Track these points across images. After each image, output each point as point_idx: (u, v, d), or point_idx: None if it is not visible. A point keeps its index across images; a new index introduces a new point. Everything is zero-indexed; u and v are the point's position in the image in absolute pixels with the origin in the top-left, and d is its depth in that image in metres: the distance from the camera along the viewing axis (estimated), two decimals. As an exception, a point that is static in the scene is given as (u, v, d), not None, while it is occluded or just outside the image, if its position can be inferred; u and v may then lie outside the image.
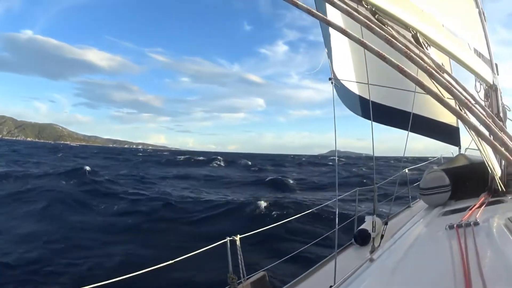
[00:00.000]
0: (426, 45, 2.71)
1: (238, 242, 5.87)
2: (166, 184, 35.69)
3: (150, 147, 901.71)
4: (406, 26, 2.73)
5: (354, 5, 2.40)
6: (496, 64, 6.69)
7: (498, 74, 6.73)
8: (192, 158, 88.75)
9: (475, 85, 6.98)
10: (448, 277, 3.03)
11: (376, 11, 2.52)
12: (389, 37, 2.00)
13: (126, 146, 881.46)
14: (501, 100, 6.65)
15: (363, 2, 2.48)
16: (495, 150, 1.53)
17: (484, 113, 2.15)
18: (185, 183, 38.71)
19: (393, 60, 1.83)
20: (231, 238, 5.84)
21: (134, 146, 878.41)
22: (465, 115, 2.04)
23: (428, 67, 2.00)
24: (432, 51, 2.77)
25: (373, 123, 7.45)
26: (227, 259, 5.64)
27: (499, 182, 5.89)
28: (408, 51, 1.93)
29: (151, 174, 45.35)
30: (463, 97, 2.00)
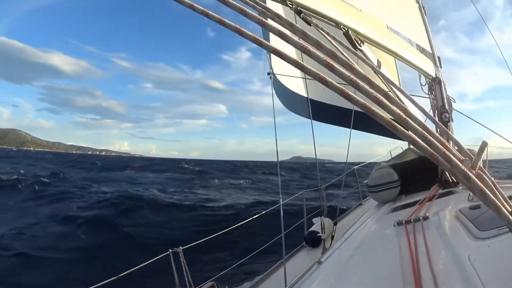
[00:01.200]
0: (359, 41, 2.59)
1: (181, 254, 5.67)
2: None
3: (113, 153, 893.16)
4: (337, 24, 2.59)
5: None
6: (439, 57, 6.72)
7: (441, 67, 6.75)
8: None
9: (420, 80, 6.96)
10: (396, 274, 2.99)
11: (301, 9, 2.37)
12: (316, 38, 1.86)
13: (89, 152, 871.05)
14: (446, 92, 6.64)
15: (287, 2, 2.33)
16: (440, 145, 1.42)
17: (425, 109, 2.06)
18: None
19: (321, 56, 1.68)
20: (173, 250, 5.65)
21: (98, 153, 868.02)
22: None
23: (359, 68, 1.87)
24: (368, 50, 2.66)
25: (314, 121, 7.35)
26: (172, 272, 5.52)
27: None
28: (336, 52, 1.78)
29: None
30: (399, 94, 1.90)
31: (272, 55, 7.45)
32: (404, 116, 1.42)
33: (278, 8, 2.41)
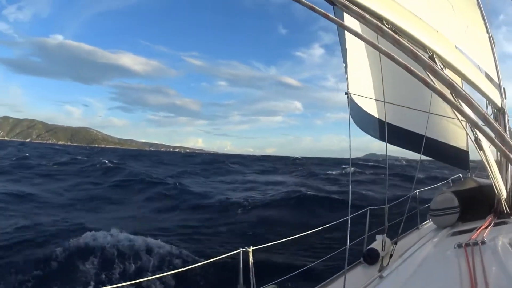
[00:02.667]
0: (442, 66, 2.64)
1: (250, 254, 5.67)
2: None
3: (187, 150, 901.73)
4: (424, 48, 2.66)
5: (377, 23, 2.33)
6: (504, 89, 6.64)
7: (506, 98, 6.67)
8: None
9: (486, 108, 6.91)
10: None
11: (396, 31, 2.47)
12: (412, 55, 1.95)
13: (162, 149, 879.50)
14: (508, 123, 6.59)
15: (385, 22, 2.42)
16: (502, 171, 1.46)
17: (493, 134, 2.15)
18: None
19: (418, 72, 1.78)
20: (244, 250, 5.65)
21: (171, 149, 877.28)
22: (475, 134, 1.99)
23: (443, 88, 1.95)
24: (447, 72, 2.71)
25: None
26: (239, 270, 5.55)
27: (504, 204, 5.92)
28: (428, 71, 1.87)
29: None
30: (474, 119, 1.95)
31: (349, 75, 7.55)
32: (475, 144, 1.46)
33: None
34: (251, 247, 5.69)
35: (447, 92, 2.03)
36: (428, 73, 1.89)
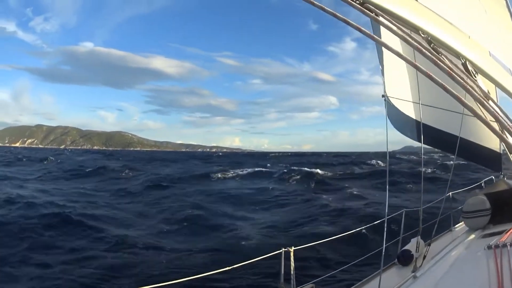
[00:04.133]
0: (474, 72, 2.73)
1: (292, 254, 5.73)
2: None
3: (224, 149, 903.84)
4: (457, 55, 2.74)
5: (408, 32, 2.44)
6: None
7: None
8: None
9: None
10: None
11: (431, 40, 2.57)
12: (444, 66, 2.05)
13: (199, 150, 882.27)
14: None
15: (420, 32, 2.53)
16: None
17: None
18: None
19: (448, 87, 1.91)
20: (285, 249, 5.71)
21: (208, 150, 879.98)
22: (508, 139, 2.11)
23: (476, 95, 2.05)
24: (479, 78, 2.80)
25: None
26: (280, 270, 5.61)
27: None
28: (460, 80, 1.98)
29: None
30: (507, 124, 2.04)
31: (386, 77, 7.61)
32: (506, 148, 1.56)
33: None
34: (293, 247, 5.76)
35: (481, 98, 2.13)
36: (462, 81, 2.01)
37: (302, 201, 26.71)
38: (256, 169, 58.38)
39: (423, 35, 2.53)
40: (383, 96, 6.94)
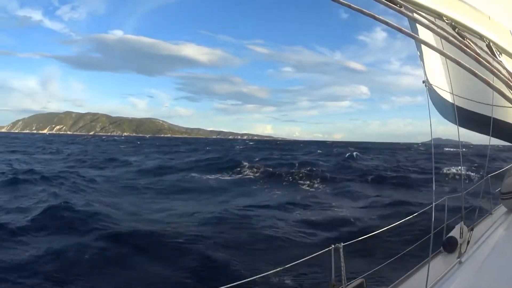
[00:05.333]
0: (498, 53, 2.87)
1: (341, 250, 5.66)
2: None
3: (255, 137, 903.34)
4: (481, 37, 2.90)
5: (433, 19, 2.60)
6: None
7: None
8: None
9: None
10: None
11: (455, 25, 2.68)
12: (470, 51, 2.22)
13: (230, 137, 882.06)
14: None
15: (444, 18, 2.67)
16: None
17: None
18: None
19: (476, 71, 2.08)
20: (335, 246, 5.65)
21: (239, 137, 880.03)
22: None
23: (503, 77, 2.23)
24: (503, 59, 2.94)
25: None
26: (331, 267, 5.59)
27: None
28: (487, 63, 2.14)
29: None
30: None
31: (426, 63, 7.72)
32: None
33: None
34: (342, 243, 5.75)
35: (507, 80, 2.30)
36: (486, 63, 2.19)
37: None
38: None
39: (447, 21, 2.66)
40: (423, 82, 6.98)
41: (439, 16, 2.69)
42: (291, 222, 18.66)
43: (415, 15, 2.50)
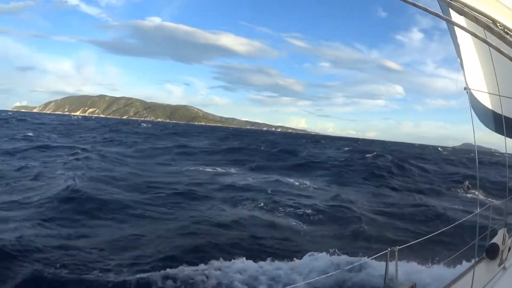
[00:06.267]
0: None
1: (396, 254, 5.87)
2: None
3: (289, 130, 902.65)
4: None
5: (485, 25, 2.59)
6: None
7: None
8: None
9: None
10: None
11: (508, 31, 2.74)
12: None
13: (264, 128, 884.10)
14: None
15: (497, 24, 2.66)
16: None
17: None
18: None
19: None
20: (391, 249, 5.83)
21: (273, 129, 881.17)
22: None
23: None
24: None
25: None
26: (386, 270, 5.78)
27: None
28: None
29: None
30: None
31: (467, 68, 7.71)
32: None
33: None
34: (397, 246, 5.90)
35: None
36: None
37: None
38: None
39: (499, 27, 2.69)
40: (465, 88, 6.95)
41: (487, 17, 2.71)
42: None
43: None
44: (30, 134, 61.55)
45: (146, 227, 16.57)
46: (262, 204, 22.23)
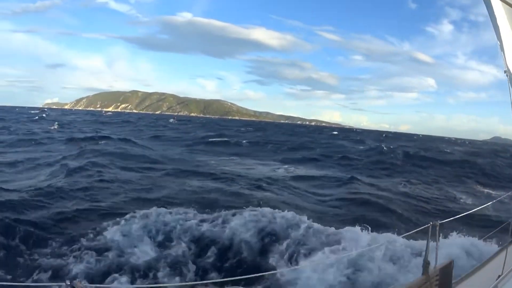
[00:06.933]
0: None
1: (437, 228, 5.91)
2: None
3: (323, 124, 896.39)
4: None
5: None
6: None
7: None
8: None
9: None
10: None
11: None
12: None
13: (299, 122, 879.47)
14: None
15: None
16: None
17: None
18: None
19: None
20: (433, 223, 5.87)
21: (307, 123, 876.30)
22: None
23: None
24: None
25: None
26: (427, 245, 5.84)
27: None
28: None
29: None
30: None
31: (506, 51, 7.94)
32: None
33: None
34: (438, 221, 5.98)
35: None
36: None
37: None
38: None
39: None
40: (505, 71, 7.02)
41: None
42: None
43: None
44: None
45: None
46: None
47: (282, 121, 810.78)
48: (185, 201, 20.71)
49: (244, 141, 72.52)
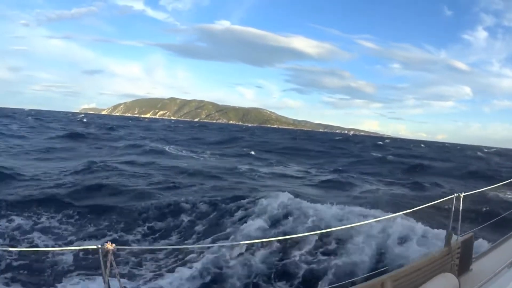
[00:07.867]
0: None
1: (461, 200, 5.90)
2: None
3: (362, 133, 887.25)
4: None
5: None
6: None
7: None
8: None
9: None
10: None
11: None
12: None
13: (337, 131, 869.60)
14: None
15: None
16: None
17: None
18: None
19: None
20: (457, 195, 5.87)
21: (346, 132, 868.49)
22: None
23: None
24: None
25: None
26: (450, 216, 5.96)
27: None
28: None
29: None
30: None
31: None
32: None
33: None
34: (462, 193, 5.95)
35: None
36: None
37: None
38: None
39: None
40: None
41: None
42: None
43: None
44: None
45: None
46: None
47: (320, 130, 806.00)
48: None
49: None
